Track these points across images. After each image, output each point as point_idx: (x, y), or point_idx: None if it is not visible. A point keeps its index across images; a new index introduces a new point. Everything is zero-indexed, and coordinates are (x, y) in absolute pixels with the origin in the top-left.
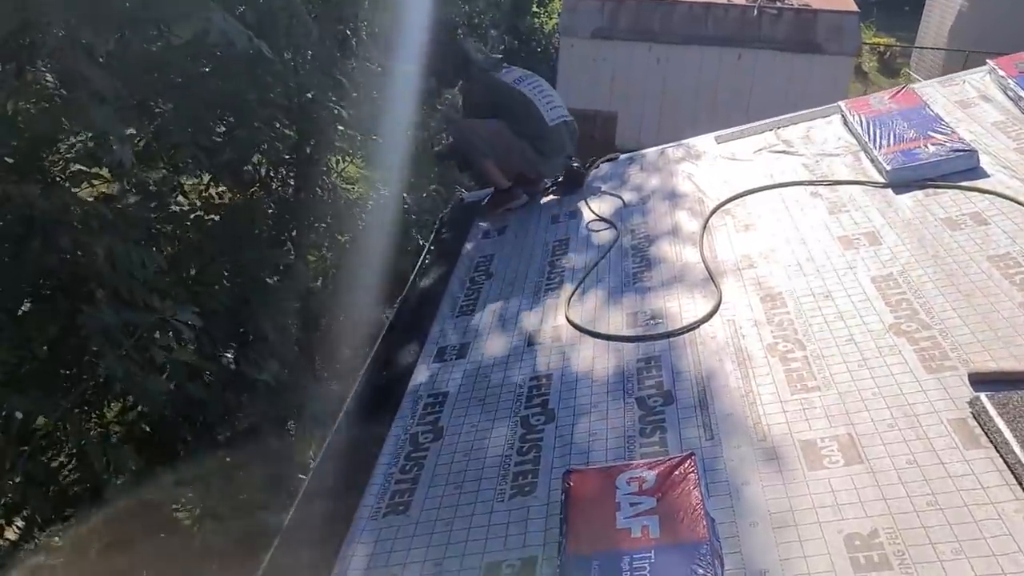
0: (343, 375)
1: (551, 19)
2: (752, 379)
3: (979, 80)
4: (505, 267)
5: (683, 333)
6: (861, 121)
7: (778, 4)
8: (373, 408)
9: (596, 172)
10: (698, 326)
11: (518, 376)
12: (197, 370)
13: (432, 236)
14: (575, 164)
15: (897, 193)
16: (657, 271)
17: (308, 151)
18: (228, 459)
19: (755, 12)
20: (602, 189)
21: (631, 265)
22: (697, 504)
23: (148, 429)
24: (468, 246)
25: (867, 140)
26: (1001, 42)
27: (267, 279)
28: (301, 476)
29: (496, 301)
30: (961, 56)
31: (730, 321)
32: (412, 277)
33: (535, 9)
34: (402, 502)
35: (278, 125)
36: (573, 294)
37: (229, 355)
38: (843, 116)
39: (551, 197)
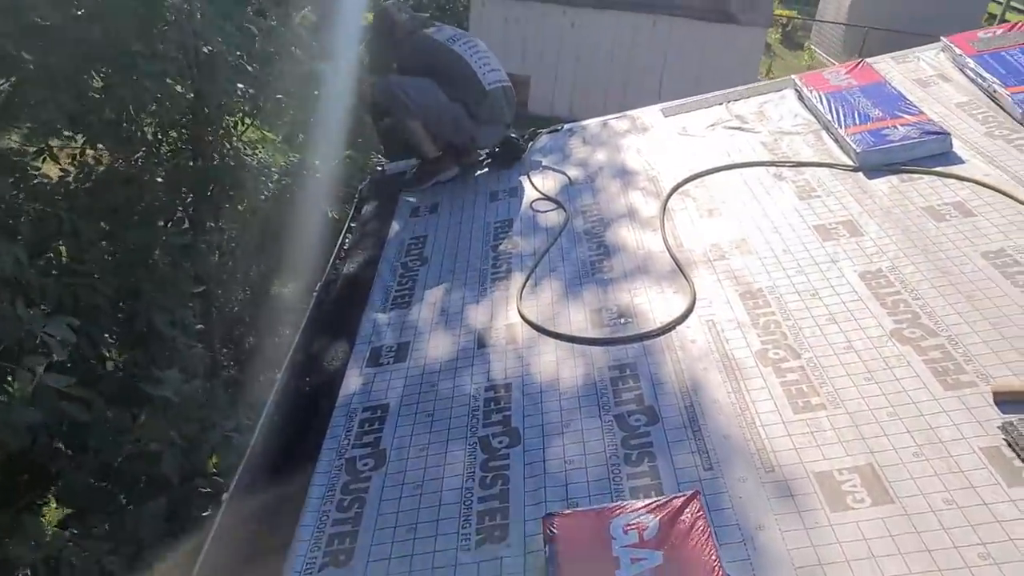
0: (256, 379)
1: None
2: (745, 393)
3: (933, 58)
4: (441, 251)
5: (658, 335)
6: (819, 98)
7: None
8: (295, 425)
9: (535, 144)
10: (674, 327)
11: (471, 386)
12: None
13: (352, 212)
14: (513, 135)
15: (869, 177)
16: (618, 260)
17: (206, 112)
18: (112, 490)
19: None
20: (543, 164)
21: (587, 252)
22: (714, 561)
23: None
24: (396, 225)
25: (829, 118)
26: (898, 20)
27: (160, 264)
28: (205, 514)
29: (435, 291)
30: (860, 32)
31: (709, 322)
32: (331, 259)
33: None
34: (342, 550)
35: (169, 81)
36: (524, 285)
37: (112, 357)
38: (798, 92)
39: (486, 170)
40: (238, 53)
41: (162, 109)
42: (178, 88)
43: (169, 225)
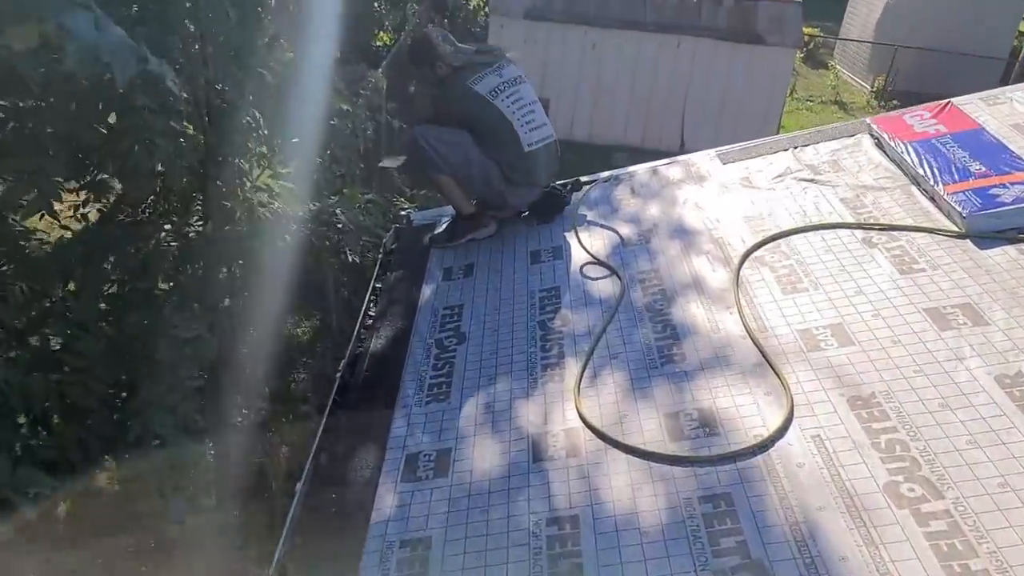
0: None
1: None
2: (881, 548)
3: None
4: (481, 325)
5: (754, 454)
6: (905, 148)
7: None
8: (321, 555)
9: (579, 195)
10: (772, 444)
11: (528, 516)
12: None
13: (376, 269)
14: (555, 185)
15: (980, 247)
16: (689, 346)
17: (219, 163)
18: None
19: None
20: (588, 218)
21: (652, 334)
22: None
23: None
24: (427, 290)
25: (920, 172)
26: (929, 38)
27: (161, 353)
28: None
29: (476, 378)
30: (888, 50)
31: (816, 438)
32: (356, 330)
33: None
34: None
35: (181, 132)
36: (582, 376)
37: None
38: (876, 138)
39: (525, 224)
40: (251, 97)
41: (172, 165)
42: (190, 133)
43: (176, 312)
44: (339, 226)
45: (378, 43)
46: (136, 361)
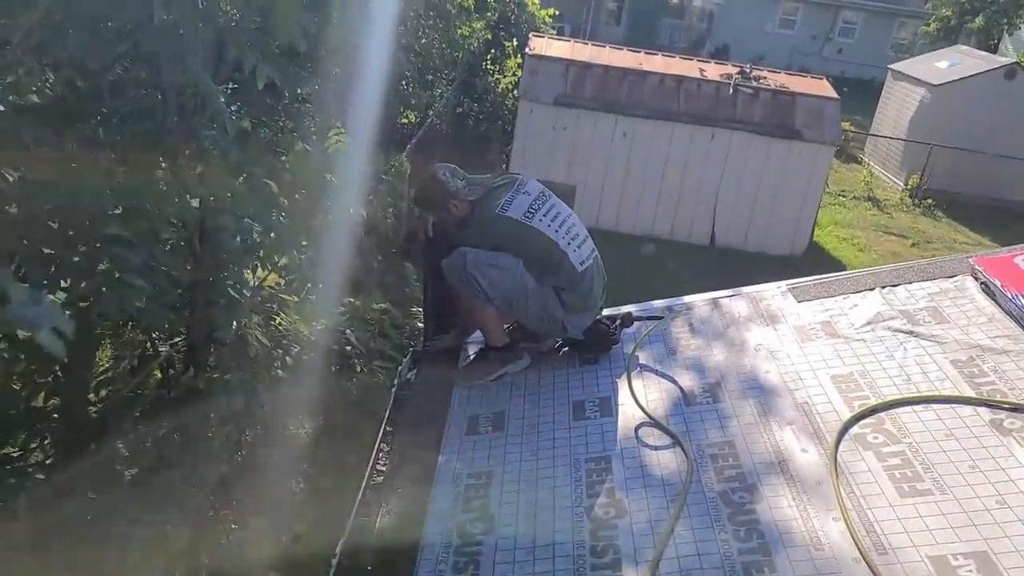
0: None
1: (504, 77)
2: None
3: None
4: (514, 508)
5: None
6: (1022, 301)
7: (754, 84)
8: None
9: (626, 331)
10: None
11: None
12: None
13: (387, 410)
14: (601, 318)
15: None
16: (784, 565)
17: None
18: None
19: (730, 90)
20: (641, 361)
21: (733, 542)
22: None
23: None
24: (449, 446)
25: None
26: (964, 137)
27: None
28: None
29: None
30: (922, 148)
31: None
32: (362, 490)
33: (488, 67)
34: None
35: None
36: None
37: None
38: (984, 284)
39: (566, 362)
40: (255, 227)
41: (151, 310)
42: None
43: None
44: (348, 348)
45: (403, 121)
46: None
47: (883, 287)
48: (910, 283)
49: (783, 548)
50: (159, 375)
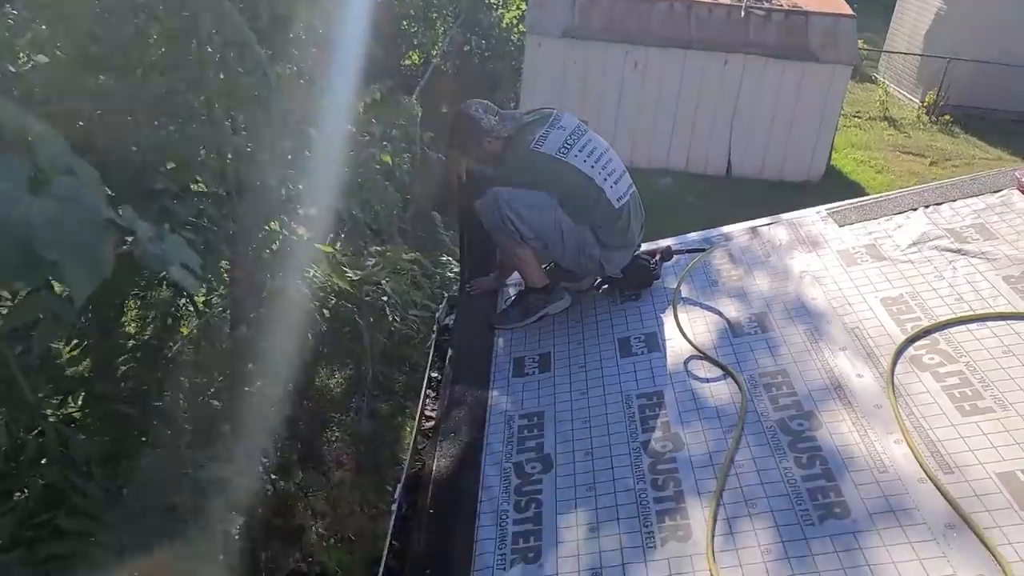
0: None
1: (509, 11)
2: None
3: None
4: (570, 446)
5: None
6: None
7: (766, 5)
8: None
9: (666, 264)
10: None
11: None
12: None
13: (431, 353)
14: (641, 254)
15: None
16: (850, 489)
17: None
18: None
19: (742, 13)
20: (684, 294)
21: (795, 470)
22: None
23: None
24: (496, 390)
25: None
26: (984, 49)
27: None
28: None
29: (573, 526)
30: (939, 62)
31: None
32: (413, 437)
33: (492, 1)
34: None
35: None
36: (713, 534)
37: None
38: None
39: (607, 298)
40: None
41: (206, 264)
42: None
43: None
44: (385, 299)
45: (407, 61)
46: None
47: (927, 206)
48: (954, 201)
49: (847, 472)
50: (196, 331)
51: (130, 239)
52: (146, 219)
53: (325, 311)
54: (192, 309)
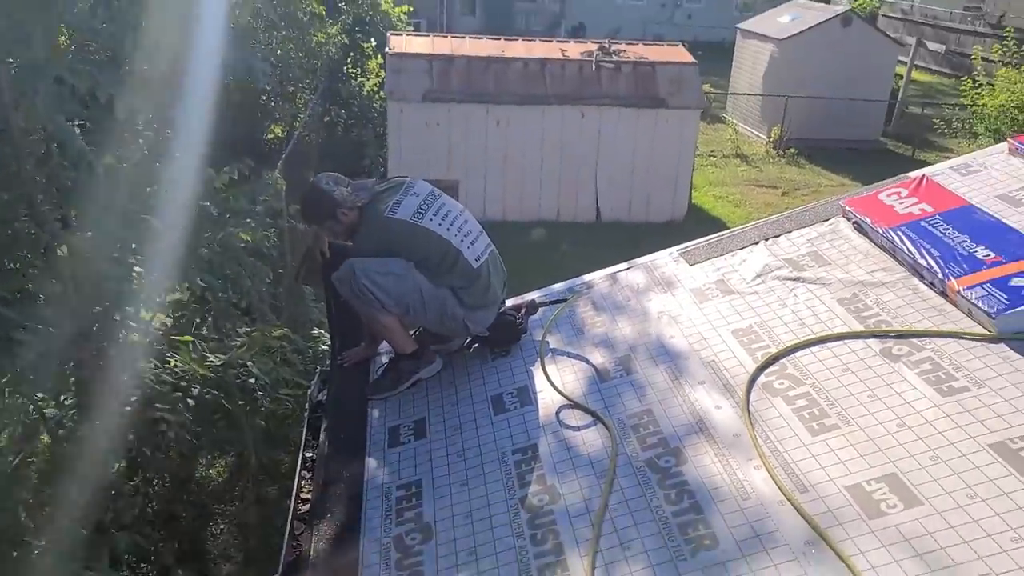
0: None
1: (369, 80)
2: None
3: (1004, 164)
4: (449, 512)
5: None
6: (893, 234)
7: (614, 58)
8: None
9: (533, 318)
10: None
11: None
12: None
13: (303, 437)
14: (506, 310)
15: (1021, 352)
16: (717, 519)
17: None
18: None
19: (593, 67)
20: (552, 345)
21: (666, 506)
22: None
23: None
24: (372, 462)
25: (921, 263)
26: (814, 86)
27: None
28: None
29: None
30: (779, 102)
31: None
32: (289, 522)
33: (350, 70)
34: None
35: None
36: None
37: None
38: (856, 223)
39: (479, 360)
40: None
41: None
42: None
43: None
44: (252, 381)
45: (269, 136)
46: None
47: (766, 239)
48: (790, 232)
49: (713, 503)
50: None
51: None
52: None
53: (190, 400)
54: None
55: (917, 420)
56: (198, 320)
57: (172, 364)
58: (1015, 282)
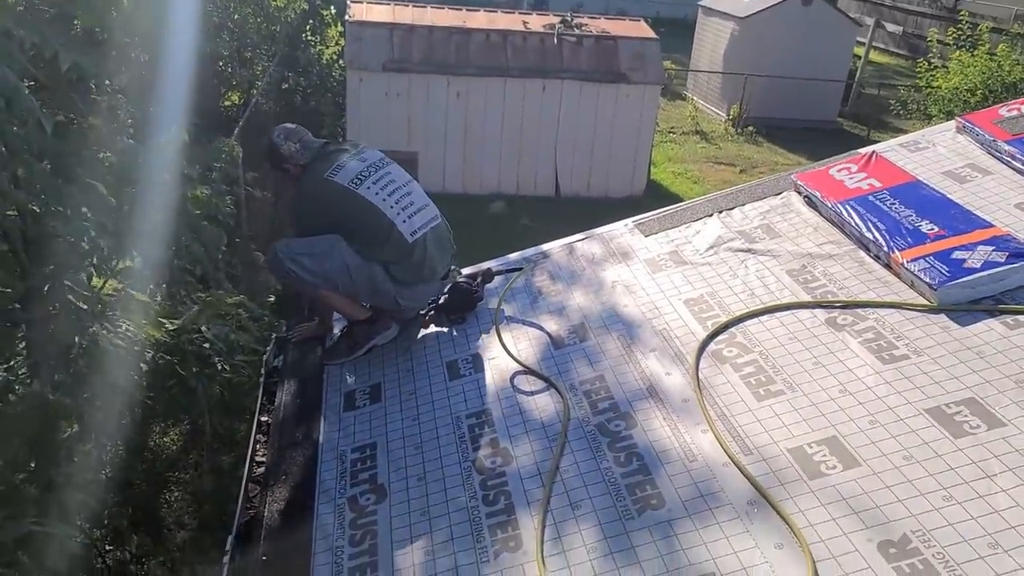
0: None
1: (328, 48)
2: None
3: (951, 142)
4: (403, 474)
5: None
6: (842, 208)
7: (577, 31)
8: None
9: (489, 286)
10: None
11: None
12: None
13: (259, 396)
14: (462, 279)
15: (962, 323)
16: (664, 481)
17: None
18: None
19: (555, 40)
20: (507, 313)
21: (615, 468)
22: None
23: None
24: (327, 425)
25: (868, 236)
26: (773, 67)
27: None
28: None
29: (408, 551)
30: (738, 80)
31: None
32: (244, 484)
33: (309, 38)
34: None
35: None
36: (542, 540)
37: None
38: (807, 197)
39: (434, 327)
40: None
41: None
42: None
43: None
44: (206, 346)
45: (227, 103)
46: None
47: (720, 212)
48: (744, 205)
49: (661, 465)
50: None
51: None
52: None
53: (142, 365)
54: None
55: (859, 386)
56: (151, 287)
57: (125, 328)
58: (957, 255)
